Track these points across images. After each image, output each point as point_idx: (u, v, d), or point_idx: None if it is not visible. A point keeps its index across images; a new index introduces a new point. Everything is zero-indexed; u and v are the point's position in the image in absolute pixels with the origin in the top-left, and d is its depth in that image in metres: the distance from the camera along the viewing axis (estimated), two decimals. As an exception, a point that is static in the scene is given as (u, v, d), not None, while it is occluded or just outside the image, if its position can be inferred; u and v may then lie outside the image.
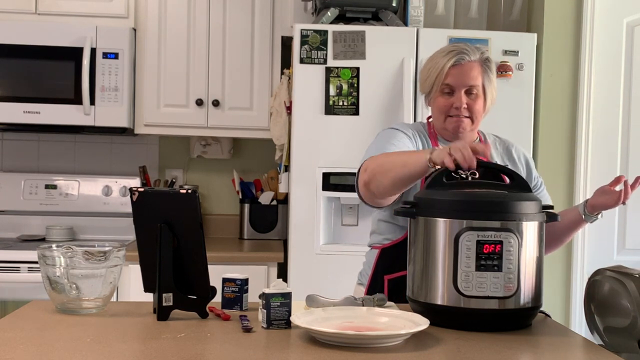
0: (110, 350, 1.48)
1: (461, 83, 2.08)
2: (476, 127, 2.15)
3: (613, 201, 2.04)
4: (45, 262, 1.79)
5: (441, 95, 2.11)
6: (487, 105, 2.14)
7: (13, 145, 3.74)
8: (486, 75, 2.11)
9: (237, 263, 3.11)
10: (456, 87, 2.09)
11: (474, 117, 2.11)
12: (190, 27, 3.46)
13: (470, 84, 2.08)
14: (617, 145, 3.23)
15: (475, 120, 2.12)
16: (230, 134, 3.56)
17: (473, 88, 2.09)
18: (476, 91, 2.09)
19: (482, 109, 2.13)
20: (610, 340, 1.91)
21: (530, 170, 2.22)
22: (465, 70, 2.09)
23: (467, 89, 2.09)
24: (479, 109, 2.11)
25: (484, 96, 2.12)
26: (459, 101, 2.08)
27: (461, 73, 2.08)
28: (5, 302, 3.12)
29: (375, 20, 3.23)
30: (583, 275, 3.15)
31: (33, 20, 3.36)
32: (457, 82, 2.08)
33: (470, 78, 2.08)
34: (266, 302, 1.66)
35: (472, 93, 2.09)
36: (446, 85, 2.09)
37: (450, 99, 2.10)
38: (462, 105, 2.08)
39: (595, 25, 3.18)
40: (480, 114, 2.13)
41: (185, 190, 1.74)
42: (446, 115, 2.11)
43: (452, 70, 2.09)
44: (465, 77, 2.08)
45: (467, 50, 2.11)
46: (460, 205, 1.72)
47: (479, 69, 2.10)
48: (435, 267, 1.73)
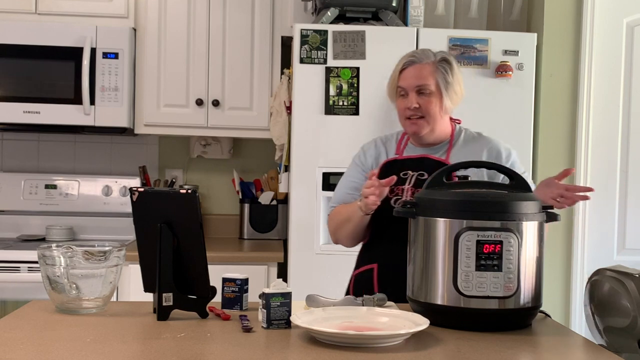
0: (110, 350, 1.48)
1: (411, 84, 2.18)
2: (436, 127, 2.20)
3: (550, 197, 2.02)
4: (45, 262, 1.79)
5: (398, 98, 2.23)
6: (446, 104, 2.19)
7: (13, 145, 3.74)
8: (440, 75, 2.18)
9: (237, 263, 3.11)
10: (407, 88, 2.18)
11: (428, 117, 2.18)
12: (190, 27, 3.46)
13: (419, 84, 2.17)
14: (617, 146, 3.23)
15: (431, 120, 2.18)
16: (230, 134, 3.56)
17: (424, 88, 2.17)
18: (429, 91, 2.17)
19: (439, 108, 2.18)
20: (610, 340, 1.91)
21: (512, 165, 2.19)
22: (414, 72, 2.18)
23: (419, 89, 2.17)
24: (433, 108, 2.17)
25: (440, 95, 2.17)
26: (410, 102, 2.17)
27: (411, 75, 2.18)
28: (5, 302, 3.12)
29: (375, 20, 3.23)
30: (583, 275, 3.15)
31: (33, 20, 3.36)
32: (407, 84, 2.18)
33: (419, 78, 2.17)
34: (266, 302, 1.67)
35: (423, 93, 2.17)
36: (400, 88, 2.21)
37: (405, 100, 2.20)
38: (412, 105, 2.16)
39: (595, 25, 3.18)
40: (436, 113, 2.18)
41: (185, 190, 1.75)
42: (404, 117, 2.20)
43: (403, 74, 2.20)
44: (414, 78, 2.18)
45: (418, 54, 2.22)
46: (460, 205, 1.72)
47: (431, 69, 2.18)
48: (435, 267, 1.73)
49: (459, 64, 2.26)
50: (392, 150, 2.28)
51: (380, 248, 2.20)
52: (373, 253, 2.22)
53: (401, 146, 2.27)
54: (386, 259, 2.16)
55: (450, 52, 3.07)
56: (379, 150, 2.30)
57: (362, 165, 2.31)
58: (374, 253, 2.21)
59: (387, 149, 2.29)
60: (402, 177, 2.18)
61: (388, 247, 2.16)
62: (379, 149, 2.30)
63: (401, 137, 2.30)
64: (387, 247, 2.17)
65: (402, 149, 2.27)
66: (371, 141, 2.36)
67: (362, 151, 2.35)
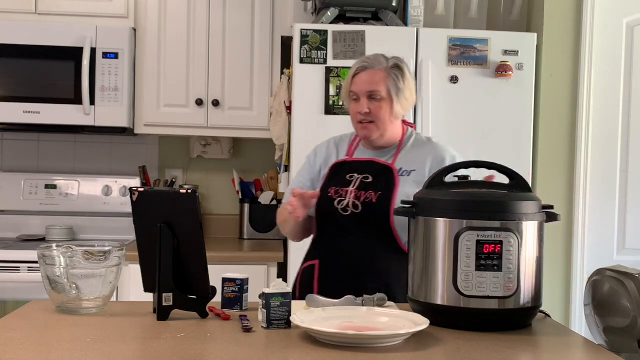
0: (110, 350, 1.48)
1: (362, 89, 2.22)
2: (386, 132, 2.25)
3: None
4: (45, 262, 1.79)
5: (351, 102, 2.27)
6: (396, 110, 2.23)
7: (13, 145, 3.74)
8: (392, 82, 2.21)
9: (237, 263, 3.11)
10: (359, 93, 2.22)
11: (378, 122, 2.22)
12: (190, 27, 3.46)
13: (370, 89, 2.21)
14: (617, 145, 3.23)
15: (381, 126, 2.22)
16: (230, 134, 3.56)
17: (375, 93, 2.21)
18: (380, 96, 2.21)
19: (389, 114, 2.22)
20: (610, 340, 1.91)
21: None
22: (366, 78, 2.22)
23: (370, 94, 2.21)
24: (383, 114, 2.21)
25: (391, 100, 2.21)
26: (361, 107, 2.21)
27: (363, 80, 2.22)
28: (5, 302, 3.12)
29: (375, 20, 3.23)
30: (583, 275, 3.15)
31: (33, 20, 3.36)
32: (359, 89, 2.22)
33: (370, 84, 2.21)
34: (266, 302, 1.67)
35: (374, 98, 2.21)
36: (352, 93, 2.25)
37: (357, 105, 2.24)
38: (363, 110, 2.20)
39: (595, 25, 3.18)
40: (386, 119, 2.22)
41: (185, 190, 1.75)
42: (356, 122, 2.25)
43: (356, 79, 2.24)
44: (365, 83, 2.22)
45: (371, 60, 2.25)
46: (460, 205, 1.72)
47: (383, 75, 2.21)
48: (435, 267, 1.73)
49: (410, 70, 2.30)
50: (344, 152, 2.34)
51: (322, 246, 2.27)
52: (316, 250, 2.29)
53: (352, 148, 2.32)
54: (326, 256, 2.23)
55: (450, 52, 3.07)
56: (330, 152, 2.36)
57: (311, 166, 2.37)
58: (317, 250, 2.29)
59: (339, 150, 2.35)
60: (347, 180, 2.23)
61: (329, 245, 2.23)
62: (330, 150, 2.36)
63: (353, 139, 2.35)
64: (328, 245, 2.24)
65: (352, 151, 2.32)
66: (325, 142, 2.41)
67: (314, 152, 2.41)
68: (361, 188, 2.20)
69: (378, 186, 2.18)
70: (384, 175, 2.21)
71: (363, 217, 2.17)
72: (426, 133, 3.02)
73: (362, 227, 2.17)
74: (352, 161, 2.29)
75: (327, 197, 2.23)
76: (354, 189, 2.20)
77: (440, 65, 3.07)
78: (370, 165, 2.25)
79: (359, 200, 2.18)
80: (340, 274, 2.17)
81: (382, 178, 2.20)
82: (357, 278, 2.14)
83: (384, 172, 2.22)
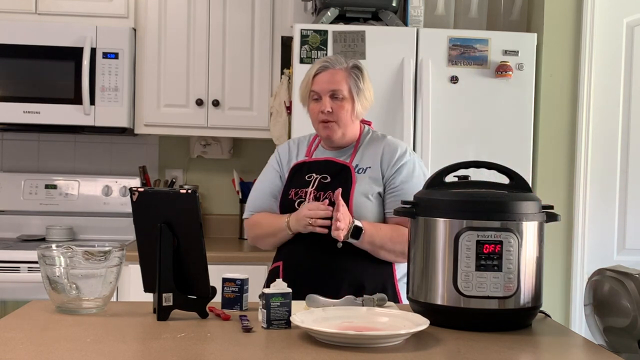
0: (110, 350, 1.48)
1: (324, 88, 2.23)
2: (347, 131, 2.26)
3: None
4: (45, 262, 1.79)
5: (311, 102, 2.28)
6: (357, 109, 2.25)
7: (13, 145, 3.74)
8: (352, 81, 2.24)
9: (237, 263, 3.11)
10: (321, 92, 2.24)
11: (340, 122, 2.23)
12: (190, 27, 3.46)
13: (332, 88, 2.22)
14: (617, 145, 3.23)
15: (342, 125, 2.24)
16: (230, 134, 3.56)
17: (337, 92, 2.22)
18: (342, 96, 2.22)
19: (350, 114, 2.24)
20: (610, 340, 1.91)
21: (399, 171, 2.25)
22: (328, 77, 2.24)
23: (332, 94, 2.22)
24: (344, 114, 2.23)
25: (352, 100, 2.23)
26: (324, 105, 2.22)
27: (325, 79, 2.24)
28: (5, 302, 3.12)
29: (375, 20, 3.23)
30: (583, 275, 3.14)
31: (33, 20, 3.36)
32: (321, 88, 2.24)
33: (332, 83, 2.23)
34: (266, 302, 1.67)
35: (337, 97, 2.23)
36: (313, 92, 2.26)
37: (318, 104, 2.25)
38: (326, 109, 2.22)
39: (595, 25, 3.18)
40: (347, 118, 2.24)
41: (185, 190, 1.75)
42: (318, 121, 2.26)
43: (317, 78, 2.26)
44: (328, 82, 2.23)
45: (332, 60, 2.27)
46: (460, 205, 1.72)
47: (344, 75, 2.24)
48: (435, 267, 1.73)
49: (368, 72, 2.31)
50: (303, 152, 2.35)
51: (287, 247, 2.27)
52: (282, 252, 2.30)
53: (312, 149, 2.34)
54: (290, 258, 2.24)
55: (450, 52, 3.07)
56: (292, 153, 2.37)
57: (279, 169, 2.37)
58: (282, 252, 2.29)
59: (299, 151, 2.37)
60: (306, 180, 2.26)
61: (292, 247, 2.24)
62: (292, 152, 2.38)
63: (312, 139, 2.37)
64: (291, 247, 2.24)
65: (312, 151, 2.34)
66: (285, 144, 2.43)
67: (277, 154, 2.41)
68: (320, 188, 2.23)
69: (336, 185, 2.19)
70: (342, 174, 2.24)
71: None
72: (426, 133, 3.02)
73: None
74: (311, 161, 2.31)
75: (288, 199, 2.26)
76: (313, 189, 2.23)
77: (440, 65, 3.07)
78: (328, 164, 2.27)
79: (318, 201, 2.19)
80: (303, 274, 2.16)
81: (340, 177, 2.23)
82: (322, 278, 2.16)
83: (341, 171, 2.24)
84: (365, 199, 2.21)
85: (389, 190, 2.23)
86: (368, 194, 2.22)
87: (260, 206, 2.36)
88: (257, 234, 2.35)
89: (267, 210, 2.34)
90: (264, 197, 2.36)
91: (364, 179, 2.23)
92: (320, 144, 2.35)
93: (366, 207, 2.21)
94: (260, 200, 2.37)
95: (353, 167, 2.25)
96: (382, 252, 2.19)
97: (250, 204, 2.40)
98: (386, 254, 2.19)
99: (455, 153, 2.94)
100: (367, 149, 2.30)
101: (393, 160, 2.25)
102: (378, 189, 2.23)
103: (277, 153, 2.41)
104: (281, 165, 2.38)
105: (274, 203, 2.33)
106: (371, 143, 2.31)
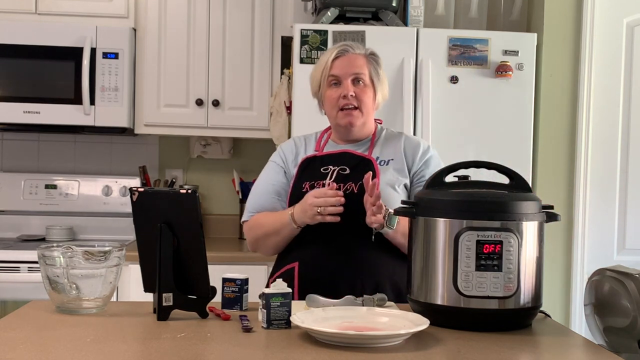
0: (110, 350, 1.48)
1: (346, 72, 2.11)
2: (367, 121, 2.15)
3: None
4: (45, 262, 1.79)
5: (329, 87, 2.13)
6: (378, 100, 2.16)
7: (13, 145, 3.74)
8: (373, 68, 2.13)
9: (237, 263, 3.10)
10: (342, 76, 2.11)
11: (363, 108, 2.11)
12: (190, 27, 3.46)
13: (355, 71, 2.11)
14: (617, 145, 3.23)
15: (365, 112, 2.12)
16: (230, 134, 3.56)
17: (360, 76, 2.11)
18: (363, 81, 2.11)
19: (372, 102, 2.14)
20: (610, 340, 1.91)
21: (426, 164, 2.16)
22: (349, 60, 2.12)
23: (354, 78, 2.11)
24: (368, 100, 2.12)
25: (374, 88, 2.13)
26: (346, 89, 2.09)
27: (346, 63, 2.11)
28: (5, 302, 3.12)
29: (375, 20, 3.23)
30: (583, 275, 3.15)
31: (33, 20, 3.36)
32: (342, 72, 2.11)
33: (355, 67, 2.11)
34: (266, 302, 1.66)
35: (359, 82, 2.11)
36: (333, 77, 2.12)
37: (338, 89, 2.12)
38: (349, 93, 2.09)
39: (595, 25, 3.18)
40: (370, 106, 2.14)
41: (185, 190, 1.74)
42: (338, 108, 2.12)
43: (336, 62, 2.12)
44: (350, 66, 2.11)
45: (351, 45, 2.16)
46: (460, 205, 1.72)
47: (364, 60, 2.13)
48: (435, 267, 1.73)
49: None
50: (312, 147, 2.21)
51: (301, 245, 2.09)
52: (295, 250, 2.11)
53: (321, 144, 2.21)
54: (307, 257, 2.06)
55: (450, 52, 3.07)
56: (299, 149, 2.22)
57: (284, 166, 2.21)
58: (296, 250, 2.10)
59: (307, 146, 2.22)
60: (322, 172, 2.11)
61: (308, 244, 2.07)
62: (299, 148, 2.22)
63: (321, 135, 2.24)
64: (307, 244, 2.07)
65: (322, 146, 2.20)
66: (289, 141, 2.29)
67: (280, 151, 2.25)
68: (339, 180, 2.07)
69: (357, 177, 2.05)
70: (362, 166, 2.09)
71: (347, 210, 1.98)
72: (426, 133, 3.02)
73: (346, 222, 1.99)
74: (324, 155, 2.16)
75: (302, 193, 2.08)
76: (331, 181, 2.07)
77: (440, 65, 3.07)
78: (346, 156, 2.13)
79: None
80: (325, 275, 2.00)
81: (360, 169, 2.07)
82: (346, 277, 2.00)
83: (362, 163, 2.10)
84: (392, 190, 2.08)
85: (416, 182, 2.11)
86: (395, 185, 2.09)
87: (262, 205, 2.18)
88: (258, 234, 2.16)
89: (269, 209, 2.16)
90: (267, 195, 2.18)
91: (388, 169, 2.10)
92: (331, 139, 2.20)
93: (394, 198, 2.04)
94: (262, 199, 2.18)
95: (374, 159, 2.11)
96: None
97: (250, 205, 2.22)
98: None
99: (455, 153, 2.93)
100: (385, 143, 2.17)
101: (418, 153, 2.15)
102: (404, 180, 2.11)
103: (281, 150, 2.25)
104: (286, 161, 2.21)
105: (277, 202, 2.16)
106: (388, 138, 2.19)
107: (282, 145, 2.29)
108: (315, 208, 1.96)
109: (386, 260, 2.05)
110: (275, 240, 2.13)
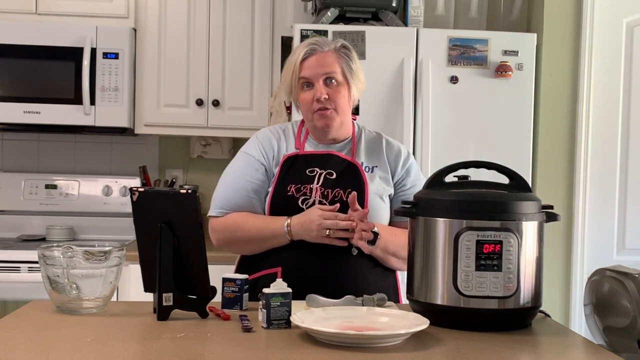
0: (110, 350, 1.48)
1: (317, 72, 2.02)
2: (345, 120, 2.08)
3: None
4: (45, 262, 1.79)
5: (302, 90, 2.05)
6: (353, 94, 2.07)
7: (13, 145, 3.74)
8: (344, 62, 2.04)
9: (237, 263, 3.10)
10: (313, 77, 2.03)
11: (339, 108, 2.03)
12: (190, 27, 3.46)
13: (326, 71, 2.02)
14: (617, 145, 3.23)
15: (341, 112, 2.05)
16: (230, 134, 3.56)
17: (331, 75, 2.02)
18: (335, 79, 2.03)
19: (347, 100, 2.06)
20: (610, 340, 1.91)
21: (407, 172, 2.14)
22: (318, 60, 2.02)
23: (326, 78, 2.02)
24: (342, 100, 2.03)
25: (348, 85, 2.05)
26: (319, 92, 2.01)
27: (315, 63, 2.02)
28: (5, 302, 3.12)
29: (375, 20, 3.23)
30: (583, 275, 3.15)
31: (33, 20, 3.36)
32: (312, 73, 2.02)
33: (325, 66, 2.02)
34: (266, 302, 1.67)
35: (332, 81, 2.03)
36: (303, 79, 2.04)
37: (311, 91, 2.03)
38: (322, 96, 2.00)
39: (595, 25, 3.18)
40: (345, 105, 2.05)
41: (185, 190, 1.75)
42: (312, 111, 2.04)
43: (306, 63, 2.03)
44: (319, 66, 2.02)
45: (318, 42, 2.06)
46: (460, 205, 1.72)
47: (334, 57, 2.03)
48: (435, 267, 1.73)
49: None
50: (292, 143, 2.11)
51: (284, 252, 2.02)
52: (276, 257, 2.04)
53: (301, 140, 2.11)
54: (291, 263, 2.00)
55: (450, 52, 3.07)
56: (279, 144, 2.11)
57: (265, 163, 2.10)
58: (276, 257, 2.03)
59: (287, 141, 2.11)
60: (308, 175, 2.04)
61: (292, 251, 2.00)
62: (278, 143, 2.11)
63: (299, 129, 2.14)
64: (291, 250, 2.01)
65: (302, 143, 2.10)
66: (265, 132, 2.15)
67: (259, 145, 2.11)
68: (326, 185, 2.02)
69: (345, 183, 2.02)
70: (349, 172, 2.05)
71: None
72: (426, 133, 3.02)
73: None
74: (307, 154, 2.08)
75: (287, 196, 2.02)
76: (319, 185, 2.01)
77: (440, 65, 3.07)
78: (331, 159, 2.07)
79: (326, 199, 2.00)
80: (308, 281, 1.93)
81: (348, 175, 2.04)
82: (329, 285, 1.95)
83: (348, 169, 2.06)
84: (380, 200, 2.06)
85: (398, 192, 2.10)
86: (382, 195, 2.07)
87: (237, 204, 2.07)
88: (237, 237, 2.06)
89: (246, 209, 2.06)
90: (243, 192, 2.07)
91: (374, 178, 2.07)
92: (309, 137, 2.11)
93: (381, 209, 2.05)
94: (238, 196, 2.07)
95: (360, 164, 2.07)
96: (392, 260, 2.03)
97: (222, 200, 2.10)
98: (395, 262, 2.04)
99: (455, 153, 2.94)
100: (367, 146, 2.13)
101: (400, 160, 2.13)
102: (390, 190, 2.09)
103: (259, 144, 2.11)
104: (267, 158, 2.09)
105: (255, 201, 2.06)
106: (368, 140, 2.14)
107: (258, 137, 2.14)
108: (324, 230, 1.92)
109: (371, 268, 2.05)
110: (257, 247, 2.05)
